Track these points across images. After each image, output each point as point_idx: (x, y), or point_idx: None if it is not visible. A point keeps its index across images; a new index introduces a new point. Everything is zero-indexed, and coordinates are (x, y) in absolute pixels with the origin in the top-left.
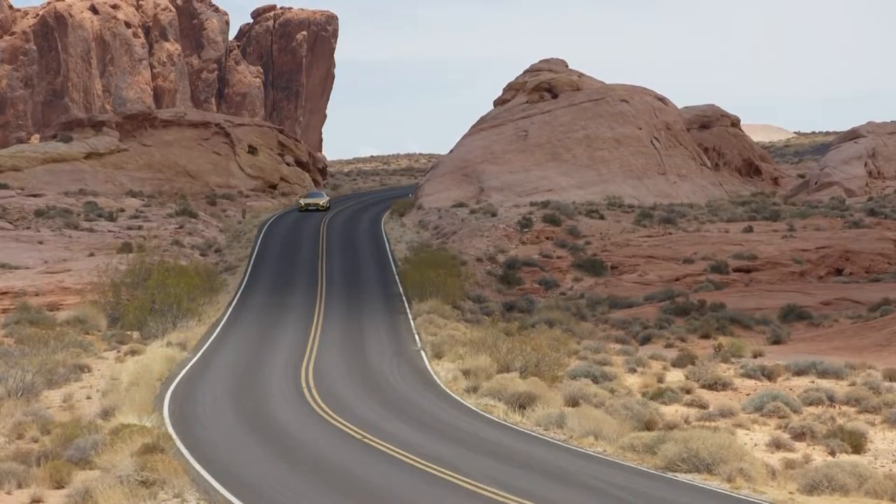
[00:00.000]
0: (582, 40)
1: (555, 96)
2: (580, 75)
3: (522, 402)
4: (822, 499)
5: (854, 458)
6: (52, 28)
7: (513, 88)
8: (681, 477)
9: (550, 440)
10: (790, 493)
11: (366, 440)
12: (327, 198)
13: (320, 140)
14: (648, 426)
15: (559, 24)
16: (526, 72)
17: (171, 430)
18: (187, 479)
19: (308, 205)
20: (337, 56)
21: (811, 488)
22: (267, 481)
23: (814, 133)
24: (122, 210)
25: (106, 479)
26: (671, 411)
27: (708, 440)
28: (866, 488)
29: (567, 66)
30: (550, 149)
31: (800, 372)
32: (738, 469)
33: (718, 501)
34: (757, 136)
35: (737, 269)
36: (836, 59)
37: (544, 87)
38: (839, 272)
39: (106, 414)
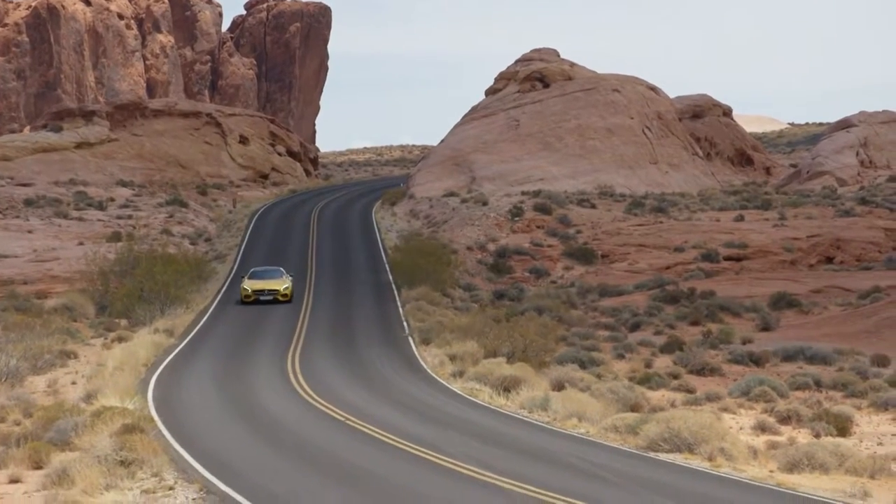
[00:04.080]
0: (574, 30)
1: (546, 86)
2: (572, 65)
3: (507, 386)
4: (802, 476)
5: (839, 440)
6: (44, 20)
7: (504, 78)
8: (662, 456)
9: (534, 422)
10: (770, 471)
11: (349, 422)
12: (290, 281)
13: (314, 132)
14: (634, 410)
15: (552, 15)
16: (517, 61)
17: (153, 413)
18: (166, 459)
19: (257, 292)
20: (331, 48)
21: (791, 466)
22: (249, 462)
23: (807, 124)
24: (112, 199)
25: (84, 460)
26: (658, 396)
27: (689, 420)
28: (846, 467)
29: (559, 55)
30: (542, 138)
31: (788, 358)
32: (718, 448)
33: (698, 480)
34: (751, 127)
35: (727, 258)
36: (830, 51)
37: (536, 76)
38: (830, 260)
39: (89, 397)
